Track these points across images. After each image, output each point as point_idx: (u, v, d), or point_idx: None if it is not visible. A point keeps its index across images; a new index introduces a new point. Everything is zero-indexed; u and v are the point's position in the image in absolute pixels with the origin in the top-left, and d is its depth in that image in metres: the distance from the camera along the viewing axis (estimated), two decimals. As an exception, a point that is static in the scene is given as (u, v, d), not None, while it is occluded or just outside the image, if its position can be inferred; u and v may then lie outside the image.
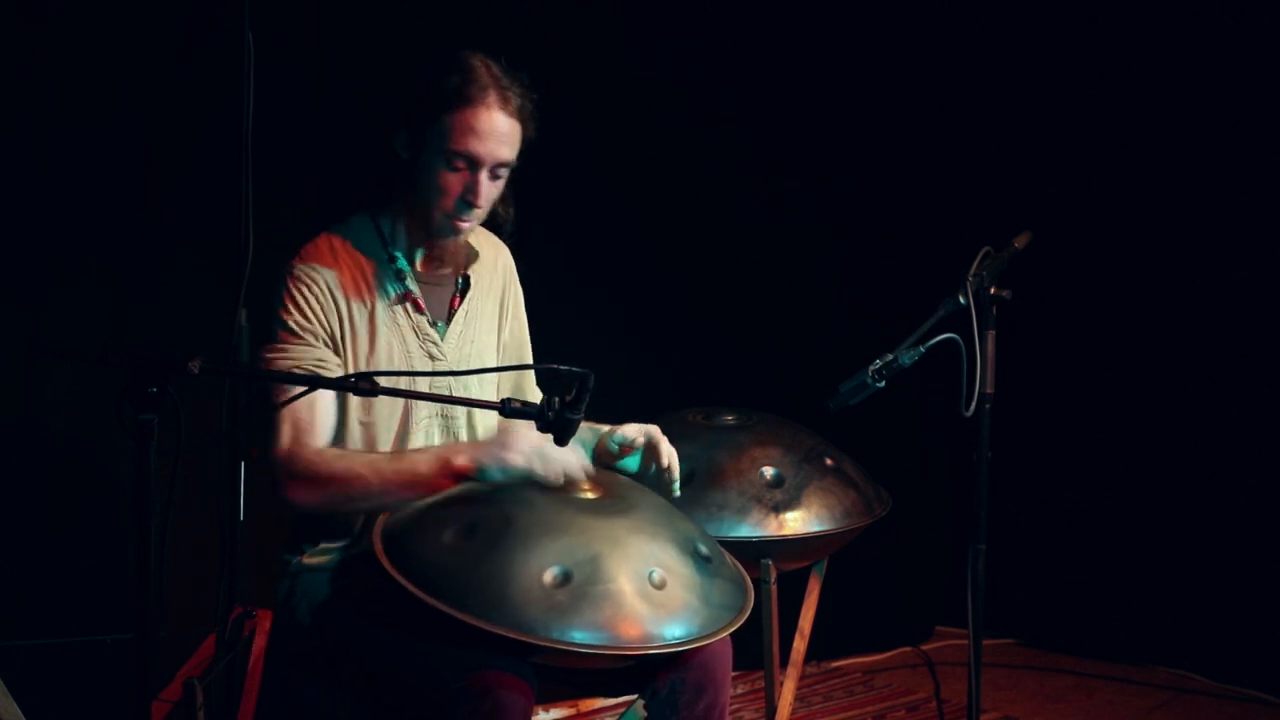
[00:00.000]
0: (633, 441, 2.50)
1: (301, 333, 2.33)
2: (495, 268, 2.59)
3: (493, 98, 2.31)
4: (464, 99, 2.30)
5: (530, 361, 2.67)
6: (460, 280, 2.51)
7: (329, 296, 2.36)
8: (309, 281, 2.35)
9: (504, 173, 2.38)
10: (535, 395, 2.68)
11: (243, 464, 2.82)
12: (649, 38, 3.89)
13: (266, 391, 2.33)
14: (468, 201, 2.35)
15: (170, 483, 1.94)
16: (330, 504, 2.31)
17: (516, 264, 2.65)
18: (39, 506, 2.98)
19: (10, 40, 2.88)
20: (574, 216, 3.64)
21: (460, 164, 2.32)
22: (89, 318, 3.01)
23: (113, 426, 1.86)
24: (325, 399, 2.32)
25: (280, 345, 2.33)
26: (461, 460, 2.25)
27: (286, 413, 2.28)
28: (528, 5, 3.59)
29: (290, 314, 2.33)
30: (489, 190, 2.36)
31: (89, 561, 3.03)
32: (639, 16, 3.85)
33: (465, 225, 2.40)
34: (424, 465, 2.26)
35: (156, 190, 3.10)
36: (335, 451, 2.31)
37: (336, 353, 2.36)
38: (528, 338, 2.68)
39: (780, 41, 4.07)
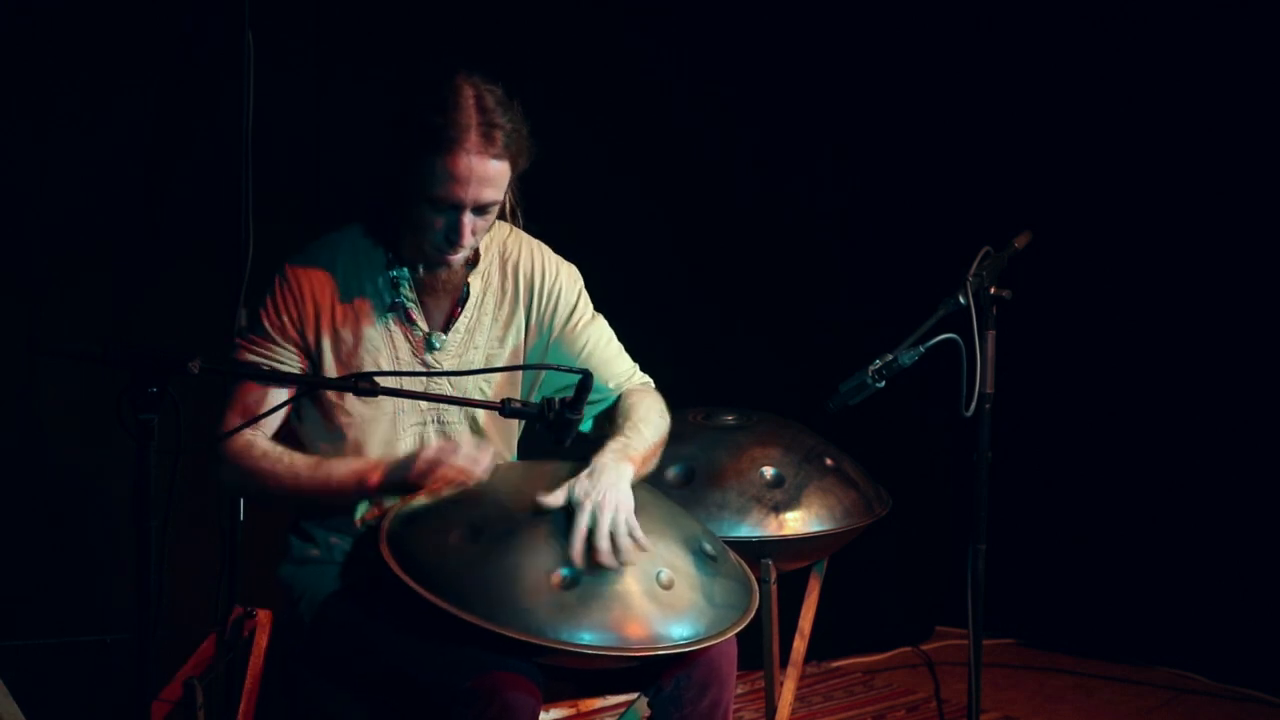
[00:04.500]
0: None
1: (271, 331, 2.36)
2: (520, 274, 2.51)
3: (474, 142, 2.24)
4: (445, 143, 2.23)
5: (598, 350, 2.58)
6: (465, 288, 2.48)
7: (310, 302, 2.36)
8: (294, 284, 2.37)
9: (492, 209, 2.33)
10: (620, 365, 2.62)
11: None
12: (654, 35, 3.89)
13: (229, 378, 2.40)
14: (450, 240, 2.32)
15: (170, 483, 1.94)
16: (250, 494, 2.44)
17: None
18: (39, 507, 2.98)
19: (11, 40, 2.88)
20: (573, 216, 3.63)
21: (444, 206, 2.28)
22: (89, 318, 3.01)
23: (113, 426, 1.86)
24: (278, 398, 2.35)
25: (249, 339, 2.39)
26: (375, 478, 2.28)
27: (239, 398, 2.35)
28: (535, 2, 3.59)
29: (268, 313, 2.38)
30: (473, 226, 2.31)
31: (89, 561, 3.03)
32: (646, 13, 3.85)
33: (453, 259, 2.37)
34: (338, 478, 2.30)
35: (156, 190, 3.10)
36: (264, 448, 2.34)
37: (308, 357, 2.37)
38: (588, 346, 2.56)
39: (783, 41, 4.07)
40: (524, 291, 2.52)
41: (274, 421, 2.37)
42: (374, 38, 3.35)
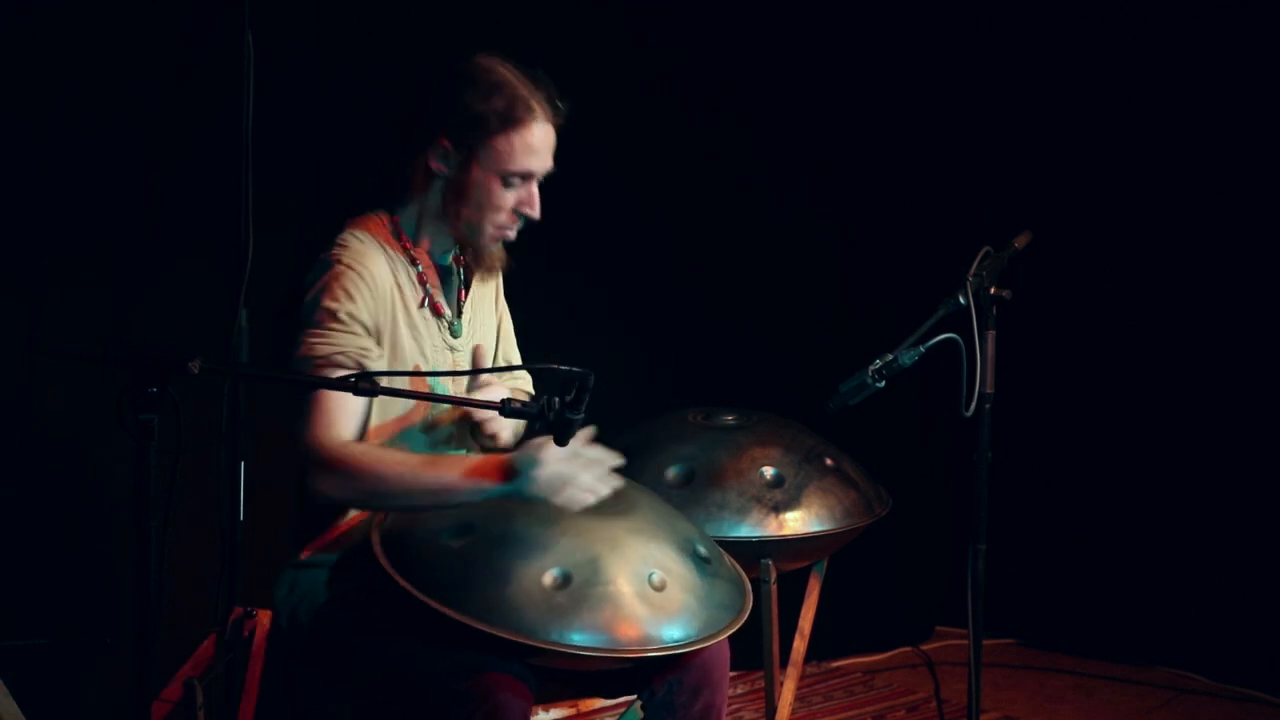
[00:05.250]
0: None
1: (350, 320, 2.27)
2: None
3: (539, 112, 2.34)
4: (514, 120, 2.31)
5: (511, 340, 2.66)
6: (461, 272, 2.51)
7: (378, 286, 2.32)
8: (360, 268, 2.30)
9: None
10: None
11: (242, 464, 2.83)
12: (652, 34, 3.89)
13: (304, 373, 2.25)
14: (525, 213, 2.38)
15: (170, 483, 1.94)
16: (357, 500, 2.27)
17: (514, 261, 2.65)
18: (39, 506, 2.98)
19: (11, 40, 2.88)
20: (573, 215, 3.62)
21: (517, 180, 2.35)
22: (89, 318, 3.01)
23: (113, 426, 1.86)
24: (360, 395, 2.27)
25: (322, 331, 2.26)
26: (495, 479, 2.18)
27: (321, 399, 2.23)
28: (535, 2, 3.59)
29: (339, 301, 2.26)
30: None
31: (89, 561, 3.03)
32: (646, 12, 3.85)
33: (514, 234, 2.43)
34: (455, 476, 2.20)
35: (156, 190, 3.10)
36: (363, 447, 2.25)
37: (378, 344, 2.32)
38: (512, 330, 2.68)
39: (782, 40, 4.07)
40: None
41: (360, 420, 2.28)
42: (374, 38, 3.35)
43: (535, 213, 2.38)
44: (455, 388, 2.47)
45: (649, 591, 2.15)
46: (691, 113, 3.96)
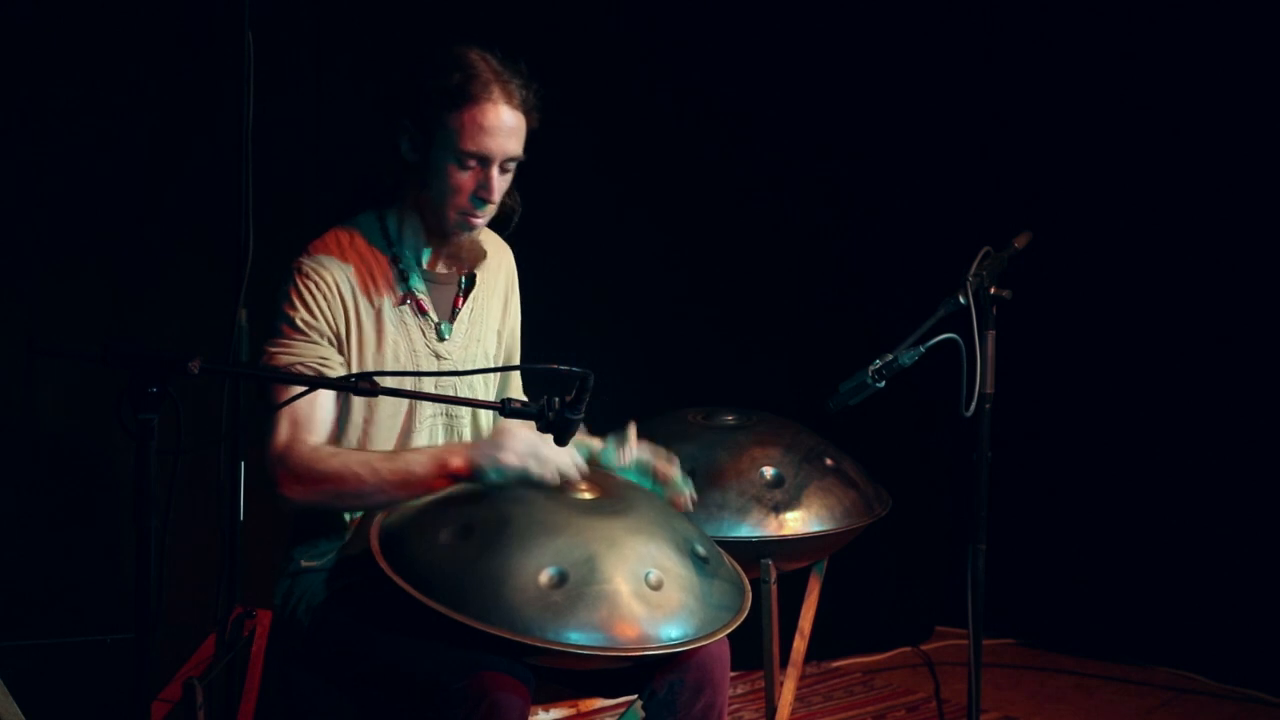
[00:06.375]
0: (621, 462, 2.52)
1: (307, 330, 2.32)
2: (499, 268, 2.59)
3: (497, 93, 2.31)
4: (469, 97, 2.30)
5: (515, 347, 2.67)
6: (464, 279, 2.51)
7: (336, 294, 2.34)
8: (316, 278, 2.34)
9: (512, 165, 2.38)
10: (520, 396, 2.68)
11: (242, 464, 2.83)
12: (649, 34, 3.89)
13: (267, 388, 2.31)
14: (481, 198, 2.35)
15: (170, 483, 1.94)
16: (324, 501, 2.30)
17: (516, 262, 2.65)
18: (39, 506, 2.98)
19: (10, 40, 2.89)
20: (573, 215, 3.64)
21: (472, 162, 2.32)
22: (89, 318, 3.01)
23: (113, 426, 1.86)
24: (325, 396, 2.31)
25: (284, 340, 2.32)
26: (457, 461, 2.26)
27: (285, 410, 2.26)
28: (532, 3, 3.59)
29: (296, 310, 2.32)
30: (501, 184, 2.37)
31: (89, 561, 3.03)
32: (640, 12, 3.85)
33: (479, 221, 2.40)
34: (419, 466, 2.26)
35: (156, 190, 3.10)
36: (330, 449, 2.30)
37: (341, 351, 2.35)
38: (519, 343, 2.68)
39: (781, 40, 4.07)
40: (505, 280, 2.59)
41: (328, 425, 2.33)
42: (374, 38, 3.35)
43: (492, 197, 2.35)
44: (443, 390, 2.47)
45: (646, 590, 2.15)
46: (692, 114, 3.95)
